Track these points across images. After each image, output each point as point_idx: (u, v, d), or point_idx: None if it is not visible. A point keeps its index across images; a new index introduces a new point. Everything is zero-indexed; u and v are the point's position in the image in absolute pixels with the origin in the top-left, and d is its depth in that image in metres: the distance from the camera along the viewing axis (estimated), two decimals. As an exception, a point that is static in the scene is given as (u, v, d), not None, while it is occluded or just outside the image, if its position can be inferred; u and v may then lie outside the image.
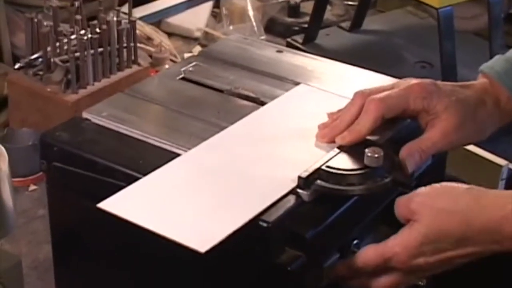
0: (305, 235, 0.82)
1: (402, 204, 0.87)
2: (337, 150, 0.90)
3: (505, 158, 1.38)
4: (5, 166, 0.96)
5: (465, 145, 1.02)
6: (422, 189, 0.86)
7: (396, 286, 0.87)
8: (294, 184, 0.85)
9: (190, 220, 0.80)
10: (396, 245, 0.85)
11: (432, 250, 0.84)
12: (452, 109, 0.92)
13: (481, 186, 0.86)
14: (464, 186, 0.86)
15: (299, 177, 0.85)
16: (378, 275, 0.87)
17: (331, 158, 0.88)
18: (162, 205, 0.83)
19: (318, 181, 0.85)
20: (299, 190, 0.85)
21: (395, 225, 0.95)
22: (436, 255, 0.84)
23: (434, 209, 0.85)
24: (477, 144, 1.37)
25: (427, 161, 0.92)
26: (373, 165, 0.86)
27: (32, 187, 1.37)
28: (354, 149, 0.89)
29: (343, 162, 0.88)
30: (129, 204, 0.83)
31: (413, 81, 0.94)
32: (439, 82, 0.95)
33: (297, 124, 0.97)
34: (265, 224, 0.80)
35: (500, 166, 1.37)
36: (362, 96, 0.92)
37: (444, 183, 0.87)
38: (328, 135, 0.93)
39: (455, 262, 0.85)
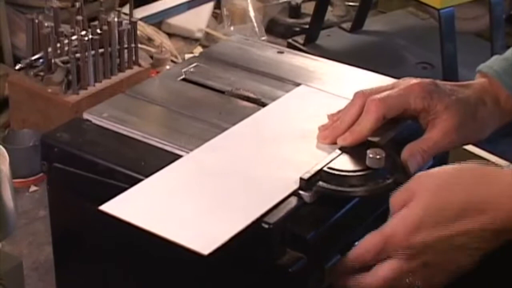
0: (306, 237, 0.82)
1: (399, 191, 0.83)
2: (338, 152, 0.90)
3: (505, 159, 1.38)
4: (5, 167, 0.96)
5: (465, 144, 1.01)
6: (418, 174, 0.84)
7: (396, 273, 0.82)
8: (296, 185, 0.85)
9: (193, 222, 0.80)
10: (395, 223, 0.81)
11: (432, 222, 0.80)
12: (453, 109, 0.92)
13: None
14: (469, 163, 0.83)
15: (301, 179, 0.84)
16: (377, 266, 0.83)
17: (332, 160, 0.88)
18: (164, 207, 0.82)
19: (320, 183, 0.85)
20: (300, 192, 0.85)
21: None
22: (436, 229, 0.80)
23: (435, 183, 0.82)
24: (477, 145, 1.37)
25: (428, 161, 0.91)
26: (375, 167, 0.86)
27: (33, 188, 1.37)
28: (355, 150, 0.89)
29: (345, 164, 0.87)
30: (131, 206, 0.82)
31: (413, 80, 0.94)
32: (439, 82, 0.95)
33: (299, 125, 0.97)
34: (266, 226, 0.80)
35: (501, 167, 1.36)
36: (363, 97, 0.92)
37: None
38: (329, 136, 0.92)
39: (455, 243, 0.80)
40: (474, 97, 0.95)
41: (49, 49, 1.44)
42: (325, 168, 0.86)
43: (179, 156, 0.91)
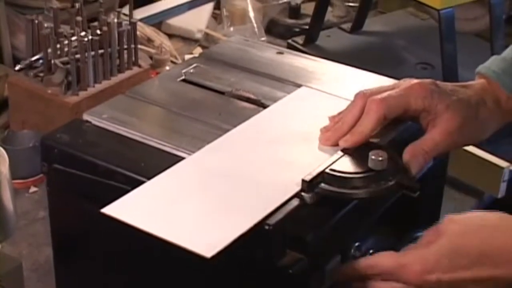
0: (307, 238, 0.82)
1: (433, 228, 0.85)
2: (340, 153, 0.89)
3: (507, 160, 1.38)
4: (5, 169, 0.96)
5: (467, 145, 1.01)
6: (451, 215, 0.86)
7: None
8: (298, 187, 0.84)
9: (195, 225, 0.80)
10: (415, 255, 0.84)
11: (448, 266, 0.82)
12: (454, 109, 0.92)
13: (483, 188, 0.85)
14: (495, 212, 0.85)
15: (303, 181, 0.84)
16: (384, 281, 0.85)
17: (335, 161, 0.87)
18: (166, 210, 0.82)
19: (322, 184, 0.85)
20: (303, 194, 0.84)
21: (396, 228, 0.95)
22: (450, 273, 0.82)
23: (459, 228, 0.84)
24: (478, 146, 1.37)
25: (429, 162, 0.91)
26: (378, 168, 0.85)
27: (33, 189, 1.37)
28: (357, 152, 0.89)
29: (347, 165, 0.87)
30: (133, 209, 0.82)
31: (414, 81, 0.94)
32: (439, 82, 0.95)
33: (300, 127, 0.97)
34: (266, 227, 0.80)
35: (502, 168, 1.36)
36: (363, 97, 0.92)
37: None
38: (331, 138, 0.92)
39: (467, 287, 0.82)
40: (475, 98, 0.95)
41: (49, 50, 1.44)
42: (327, 170, 0.86)
43: (179, 157, 0.91)
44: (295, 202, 0.84)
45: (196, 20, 1.99)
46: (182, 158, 0.91)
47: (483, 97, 0.96)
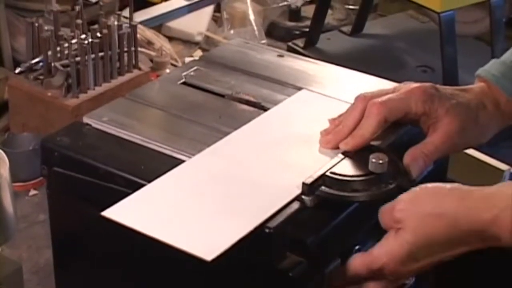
0: (307, 241, 0.82)
1: (386, 213, 0.85)
2: (341, 156, 0.89)
3: (507, 163, 1.37)
4: (5, 172, 0.95)
5: (467, 148, 1.01)
6: (404, 196, 0.85)
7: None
8: (298, 190, 0.84)
9: (196, 228, 0.80)
10: (383, 254, 0.84)
11: (425, 254, 0.83)
12: (454, 112, 0.92)
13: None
14: (447, 186, 0.84)
15: (304, 184, 0.84)
16: (367, 282, 0.86)
17: (335, 164, 0.87)
18: (167, 213, 0.82)
19: (323, 187, 0.85)
20: (303, 197, 0.84)
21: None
22: (428, 258, 0.83)
23: (418, 215, 0.83)
24: (478, 149, 1.36)
25: (430, 166, 0.91)
26: (378, 171, 0.85)
27: (33, 191, 1.37)
28: (358, 155, 0.89)
29: (348, 168, 0.87)
30: (133, 211, 0.82)
31: (414, 85, 0.94)
32: (439, 86, 0.94)
33: (301, 130, 0.97)
34: (266, 230, 0.80)
35: (502, 170, 1.36)
36: (364, 100, 0.92)
37: (424, 185, 0.85)
38: (331, 141, 0.92)
39: (447, 260, 0.84)
40: (475, 101, 0.95)
41: (49, 53, 1.44)
42: (327, 173, 0.86)
43: (179, 160, 0.91)
44: (296, 205, 0.83)
45: (196, 23, 1.99)
46: (182, 161, 0.91)
47: (483, 101, 0.96)
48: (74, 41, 1.45)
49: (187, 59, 1.82)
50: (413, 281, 0.99)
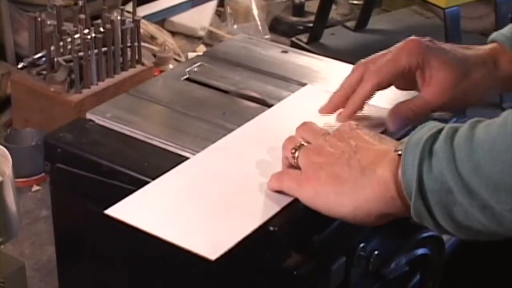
0: (312, 239, 0.81)
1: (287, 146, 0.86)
2: (346, 153, 0.89)
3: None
4: (8, 170, 0.95)
5: (465, 106, 0.99)
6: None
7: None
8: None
9: (199, 227, 0.79)
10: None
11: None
12: (448, 66, 0.90)
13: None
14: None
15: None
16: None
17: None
18: (170, 211, 0.81)
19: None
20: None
21: (401, 228, 0.94)
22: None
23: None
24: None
25: (416, 121, 0.89)
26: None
27: (35, 187, 1.36)
28: None
29: None
30: (137, 210, 0.81)
31: (410, 38, 0.93)
32: (438, 41, 0.93)
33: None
34: (271, 228, 0.79)
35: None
36: (362, 67, 0.94)
37: None
38: (327, 108, 0.95)
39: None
40: (474, 57, 0.93)
41: (52, 48, 1.44)
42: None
43: (183, 157, 0.91)
44: (301, 203, 0.83)
45: (200, 18, 1.98)
46: (186, 158, 0.90)
47: (484, 58, 0.93)
48: (77, 36, 1.44)
49: (190, 54, 1.81)
50: (418, 278, 0.99)
